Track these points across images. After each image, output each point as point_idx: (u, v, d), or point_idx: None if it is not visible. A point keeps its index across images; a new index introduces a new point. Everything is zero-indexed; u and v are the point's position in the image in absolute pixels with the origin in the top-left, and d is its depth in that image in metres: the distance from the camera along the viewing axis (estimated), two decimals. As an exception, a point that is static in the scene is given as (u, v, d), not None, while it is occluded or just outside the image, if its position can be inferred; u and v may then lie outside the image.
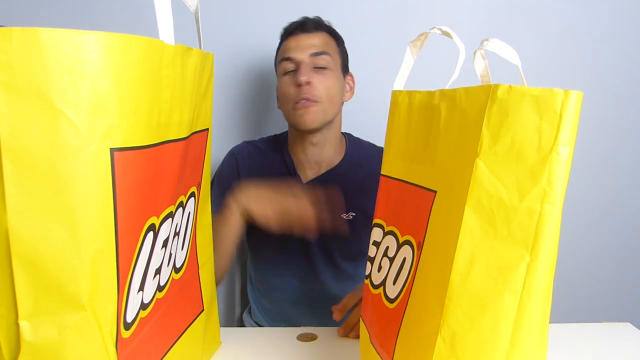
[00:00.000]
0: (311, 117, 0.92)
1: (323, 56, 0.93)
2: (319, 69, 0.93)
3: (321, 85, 0.92)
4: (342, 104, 1.00)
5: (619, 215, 1.41)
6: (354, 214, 0.99)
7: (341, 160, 1.01)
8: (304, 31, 0.94)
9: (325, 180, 1.00)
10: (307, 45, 0.93)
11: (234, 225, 0.86)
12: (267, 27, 1.22)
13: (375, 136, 1.09)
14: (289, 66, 0.93)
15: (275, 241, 1.02)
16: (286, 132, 1.08)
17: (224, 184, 1.02)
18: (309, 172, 1.02)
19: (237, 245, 1.07)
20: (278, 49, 0.99)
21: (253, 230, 1.06)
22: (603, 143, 1.35)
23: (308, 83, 0.90)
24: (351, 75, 1.03)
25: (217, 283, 0.88)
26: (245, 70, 1.24)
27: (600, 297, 1.47)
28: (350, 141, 1.05)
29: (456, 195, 0.41)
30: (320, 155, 1.00)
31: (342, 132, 1.05)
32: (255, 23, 1.22)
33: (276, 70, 1.01)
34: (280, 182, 0.86)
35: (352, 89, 1.03)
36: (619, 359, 0.71)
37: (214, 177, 1.06)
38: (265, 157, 1.05)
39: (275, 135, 1.10)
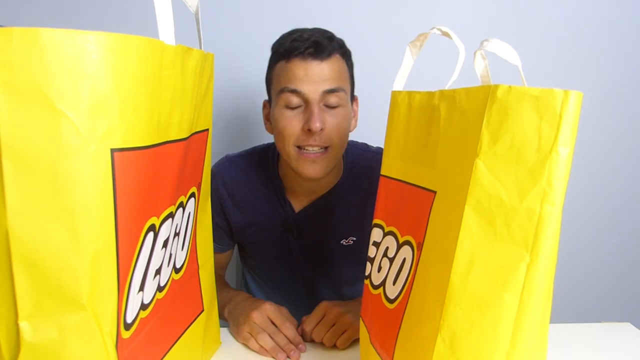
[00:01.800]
0: (319, 167, 0.77)
1: (337, 93, 0.75)
2: (330, 107, 0.76)
3: (333, 128, 0.76)
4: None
5: (618, 215, 1.41)
6: (354, 239, 0.89)
7: (339, 181, 0.88)
8: (317, 57, 0.73)
9: (320, 206, 0.88)
10: (320, 77, 0.73)
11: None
12: (268, 27, 1.22)
13: (374, 137, 1.09)
14: (294, 101, 0.74)
15: (270, 270, 0.98)
16: (274, 145, 0.87)
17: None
18: (303, 199, 0.89)
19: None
20: (276, 62, 0.78)
21: (245, 260, 1.03)
22: (603, 143, 1.35)
23: (322, 130, 0.74)
24: (356, 100, 0.86)
25: None
26: (246, 71, 1.24)
27: (600, 297, 1.47)
28: (349, 154, 0.89)
29: (456, 196, 0.41)
30: (318, 185, 0.87)
31: None
32: (255, 23, 1.22)
33: (270, 93, 0.82)
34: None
35: (356, 114, 0.86)
36: (619, 359, 0.71)
37: None
38: (249, 180, 0.90)
39: (262, 150, 0.92)
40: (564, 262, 1.34)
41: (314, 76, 0.73)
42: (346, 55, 0.80)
